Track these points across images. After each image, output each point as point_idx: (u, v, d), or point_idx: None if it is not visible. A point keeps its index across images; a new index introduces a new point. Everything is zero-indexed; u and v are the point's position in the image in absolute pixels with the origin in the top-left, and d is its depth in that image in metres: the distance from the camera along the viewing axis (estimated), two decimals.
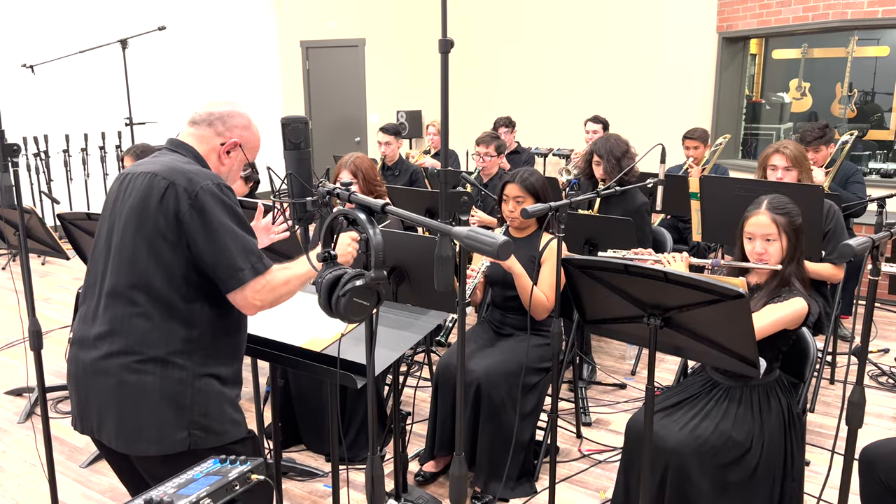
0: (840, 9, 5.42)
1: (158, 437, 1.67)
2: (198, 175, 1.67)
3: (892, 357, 4.12)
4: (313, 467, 2.96)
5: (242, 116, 1.84)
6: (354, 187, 3.29)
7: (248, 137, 1.85)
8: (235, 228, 1.66)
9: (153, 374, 1.65)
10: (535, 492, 2.80)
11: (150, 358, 1.65)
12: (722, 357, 1.82)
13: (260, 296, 1.67)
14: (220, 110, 1.82)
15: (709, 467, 2.15)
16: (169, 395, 1.66)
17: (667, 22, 6.67)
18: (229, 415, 1.75)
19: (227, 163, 1.83)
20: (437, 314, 2.25)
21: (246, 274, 1.65)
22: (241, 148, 1.83)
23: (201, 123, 1.81)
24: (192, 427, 1.69)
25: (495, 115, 6.00)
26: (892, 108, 7.18)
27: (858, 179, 4.20)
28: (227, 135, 1.81)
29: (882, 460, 2.05)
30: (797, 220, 2.31)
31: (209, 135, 1.80)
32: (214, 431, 1.72)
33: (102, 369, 1.66)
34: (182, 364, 1.67)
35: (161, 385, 1.66)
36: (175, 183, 1.65)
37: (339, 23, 8.76)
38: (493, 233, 1.19)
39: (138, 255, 1.65)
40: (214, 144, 1.81)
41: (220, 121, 1.81)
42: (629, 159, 3.56)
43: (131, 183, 1.72)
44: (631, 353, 4.18)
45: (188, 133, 1.82)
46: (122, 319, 1.66)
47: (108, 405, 1.67)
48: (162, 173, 1.67)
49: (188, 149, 1.79)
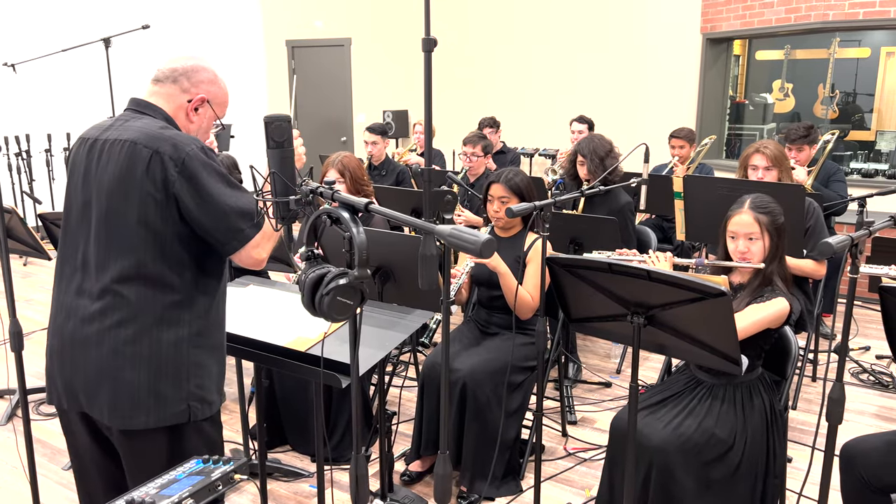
0: (822, 10, 5.48)
1: (157, 409, 1.65)
2: (180, 140, 1.64)
3: (872, 354, 4.17)
4: (298, 468, 2.95)
5: (208, 71, 1.78)
6: (341, 186, 3.28)
7: (215, 92, 1.79)
8: (227, 189, 1.64)
9: (149, 344, 1.63)
10: (520, 490, 2.81)
11: (146, 328, 1.63)
12: (704, 355, 1.83)
13: (262, 247, 1.70)
14: (183, 65, 1.76)
15: (692, 465, 2.17)
16: (166, 366, 1.65)
17: (652, 23, 6.71)
18: (217, 384, 1.76)
19: (196, 120, 1.78)
20: (423, 313, 2.25)
21: (247, 233, 1.66)
22: (209, 104, 1.77)
23: (165, 81, 1.75)
24: (191, 398, 1.68)
25: (482, 115, 6.01)
26: (872, 109, 7.27)
27: (840, 179, 4.25)
28: (193, 91, 1.75)
29: (862, 456, 2.08)
30: (779, 219, 2.33)
31: (174, 92, 1.74)
32: (208, 402, 1.72)
33: (96, 341, 1.63)
34: (177, 333, 1.66)
35: (158, 356, 1.64)
36: (159, 151, 1.61)
37: (325, 22, 8.74)
38: (477, 231, 1.19)
39: (126, 225, 1.63)
40: (181, 102, 1.75)
41: (185, 76, 1.75)
42: (613, 159, 3.58)
43: (105, 151, 1.66)
44: (616, 351, 4.20)
45: (152, 92, 1.76)
46: (114, 291, 1.63)
47: (102, 377, 1.64)
48: (142, 141, 1.63)
49: (156, 109, 1.73)
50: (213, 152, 1.69)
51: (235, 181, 1.69)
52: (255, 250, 1.69)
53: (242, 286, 2.42)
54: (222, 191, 1.64)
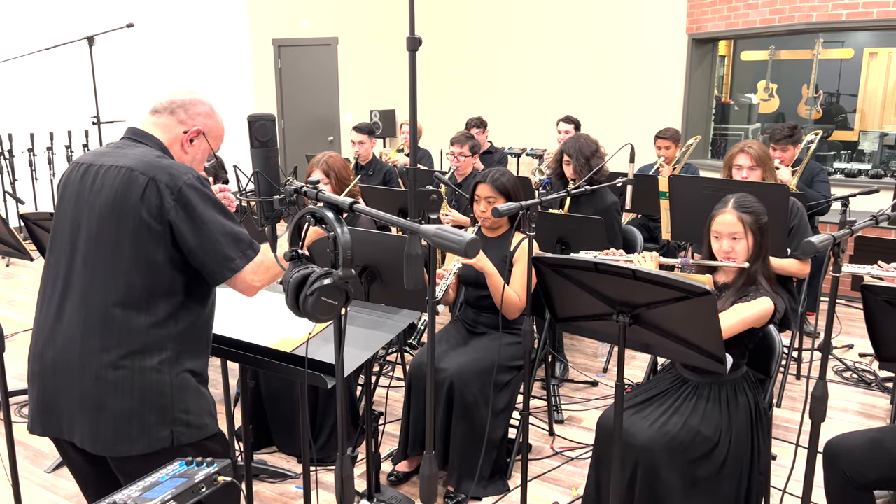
0: (805, 11, 5.53)
1: (141, 437, 1.64)
2: (177, 169, 1.66)
3: (856, 352, 4.21)
4: (285, 469, 2.94)
5: (205, 104, 1.81)
6: (326, 186, 3.27)
7: (211, 126, 1.82)
8: (221, 219, 1.66)
9: (133, 370, 1.62)
10: (507, 489, 2.81)
11: (129, 354, 1.62)
12: (689, 353, 1.84)
13: (258, 276, 1.71)
14: (181, 98, 1.79)
15: (678, 463, 2.18)
16: (150, 393, 1.64)
17: (638, 23, 6.74)
18: (206, 408, 1.75)
19: (191, 151, 1.80)
20: (410, 313, 2.25)
21: (238, 263, 1.67)
22: (204, 136, 1.80)
23: (163, 112, 1.78)
24: (175, 424, 1.67)
25: (469, 114, 6.01)
26: (855, 110, 7.35)
27: (823, 179, 4.29)
28: (189, 123, 1.78)
29: (845, 453, 2.10)
30: (763, 218, 2.34)
31: (171, 123, 1.77)
32: (195, 426, 1.71)
33: (78, 368, 1.62)
34: (161, 359, 1.65)
35: (141, 382, 1.63)
36: (156, 178, 1.62)
37: (311, 21, 8.71)
38: (461, 231, 1.19)
39: (116, 250, 1.62)
40: (177, 133, 1.77)
41: (182, 109, 1.78)
42: (598, 159, 3.59)
43: (100, 177, 1.67)
44: (603, 350, 4.22)
45: (150, 122, 1.79)
46: (100, 317, 1.62)
47: (84, 405, 1.63)
48: (139, 168, 1.64)
49: (152, 139, 1.76)
50: (209, 182, 1.70)
51: (229, 211, 1.71)
52: (251, 277, 1.71)
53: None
54: (217, 219, 1.66)
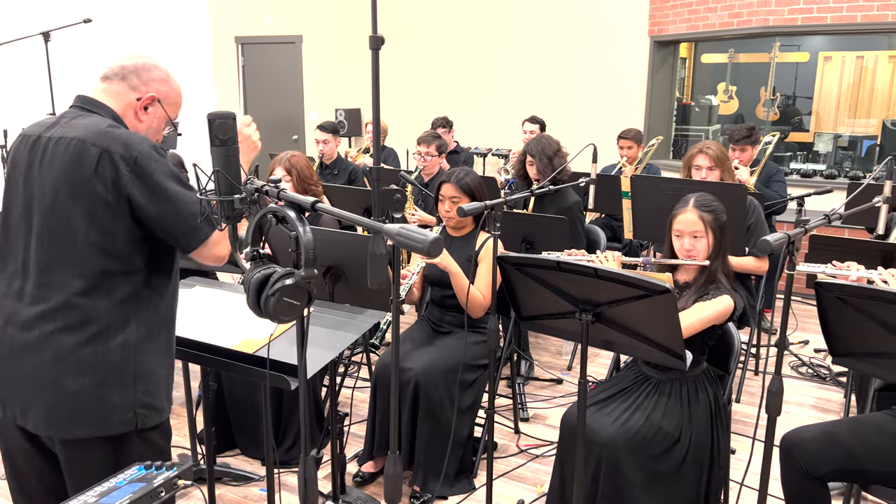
0: (762, 15, 5.66)
1: (102, 418, 1.59)
2: (131, 139, 1.59)
3: (811, 348, 4.32)
4: (248, 472, 2.90)
5: (159, 69, 1.72)
6: (287, 185, 3.23)
7: (166, 92, 1.73)
8: (181, 189, 1.61)
9: (94, 349, 1.58)
10: (473, 488, 2.82)
11: (91, 332, 1.57)
12: (650, 350, 1.87)
13: (223, 243, 1.66)
14: (133, 63, 1.70)
15: (640, 458, 2.21)
16: (112, 372, 1.59)
17: (601, 25, 6.82)
18: (166, 391, 1.71)
19: (146, 120, 1.71)
20: (375, 313, 2.24)
21: (205, 230, 1.62)
22: (159, 103, 1.72)
23: (114, 78, 1.69)
24: (138, 406, 1.63)
25: (436, 114, 6.01)
26: (811, 112, 7.55)
27: (780, 179, 4.40)
28: (142, 89, 1.69)
29: (801, 446, 2.15)
30: (722, 217, 2.39)
31: (123, 90, 1.68)
32: (156, 408, 1.67)
33: (36, 348, 1.57)
34: (123, 338, 1.60)
35: (104, 361, 1.58)
36: (109, 150, 1.56)
37: (275, 19, 8.61)
38: (425, 230, 1.19)
39: (75, 226, 1.57)
40: (130, 100, 1.69)
41: (135, 74, 1.69)
42: (561, 159, 3.63)
43: (50, 149, 1.60)
44: (567, 348, 4.26)
45: (100, 89, 1.69)
46: (58, 294, 1.57)
47: (42, 386, 1.57)
48: (90, 139, 1.57)
49: (103, 107, 1.67)
50: (165, 152, 1.66)
51: (186, 181, 1.66)
52: (217, 247, 1.66)
53: (189, 287, 2.36)
54: (176, 189, 1.60)
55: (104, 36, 7.74)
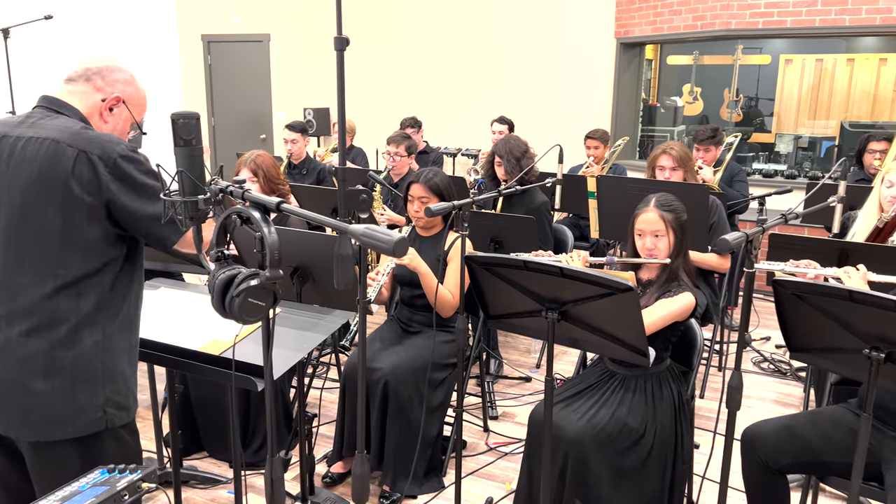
0: (725, 18, 5.77)
1: (73, 419, 1.58)
2: (108, 141, 1.60)
3: (773, 344, 4.43)
4: (216, 474, 2.88)
5: (123, 71, 1.73)
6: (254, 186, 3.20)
7: (131, 93, 1.73)
8: (158, 185, 1.62)
9: (64, 350, 1.57)
10: (442, 487, 2.84)
11: (61, 333, 1.56)
12: (614, 347, 1.91)
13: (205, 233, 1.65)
14: (97, 65, 1.71)
15: (606, 454, 2.25)
16: (82, 373, 1.58)
17: (569, 27, 6.89)
18: (132, 390, 1.71)
19: (111, 121, 1.71)
20: (343, 314, 2.24)
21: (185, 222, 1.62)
22: (124, 104, 1.72)
23: (78, 80, 1.69)
24: (108, 405, 1.62)
25: (406, 114, 6.02)
26: (773, 113, 7.73)
27: (742, 179, 4.50)
28: (107, 90, 1.69)
29: (760, 439, 2.21)
30: (683, 216, 2.45)
31: (88, 91, 1.68)
32: (125, 407, 1.67)
33: (4, 349, 1.55)
34: (92, 338, 1.60)
35: (74, 362, 1.57)
36: (86, 151, 1.56)
37: (242, 17, 8.52)
38: (390, 230, 1.20)
39: (46, 226, 1.56)
40: (94, 101, 1.69)
41: (99, 75, 1.69)
42: (528, 159, 3.67)
43: (20, 149, 1.59)
44: (536, 346, 4.30)
45: (65, 91, 1.69)
46: (25, 295, 1.55)
47: (10, 389, 1.56)
48: (66, 140, 1.56)
49: (70, 109, 1.67)
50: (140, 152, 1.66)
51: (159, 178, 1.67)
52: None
53: (154, 289, 2.34)
54: (156, 188, 1.62)
55: (66, 33, 7.58)
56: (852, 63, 7.25)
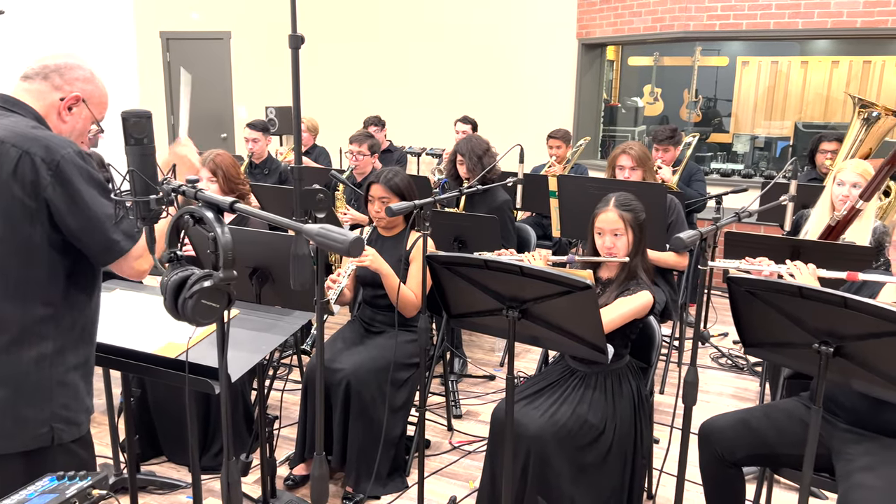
0: (684, 21, 5.88)
1: (16, 433, 1.53)
2: (54, 142, 1.53)
3: (730, 340, 4.52)
4: (174, 479, 2.83)
5: (83, 69, 1.67)
6: (213, 186, 3.15)
7: (91, 91, 1.67)
8: (102, 198, 1.55)
9: (8, 362, 1.51)
10: (406, 487, 2.83)
11: (5, 344, 1.51)
12: (573, 345, 1.93)
13: (145, 258, 1.62)
14: (56, 62, 1.64)
15: (567, 450, 2.27)
16: (27, 386, 1.53)
17: (531, 27, 6.94)
18: (84, 404, 1.66)
19: (70, 120, 1.65)
20: (302, 315, 2.22)
21: (123, 245, 1.58)
22: (84, 103, 1.66)
23: (35, 77, 1.63)
24: (54, 420, 1.57)
25: (370, 112, 5.99)
26: (730, 114, 7.89)
27: (700, 178, 4.59)
28: (66, 88, 1.63)
29: (717, 433, 2.25)
30: (641, 215, 2.48)
31: (45, 89, 1.62)
32: (75, 423, 1.62)
33: None
34: (39, 350, 1.54)
35: (17, 375, 1.52)
36: (30, 152, 1.50)
37: (201, 14, 8.39)
38: (345, 230, 1.19)
39: None
40: (52, 100, 1.63)
41: (57, 73, 1.63)
42: (490, 158, 3.68)
43: None
44: (500, 345, 4.32)
45: (21, 89, 1.63)
46: None
47: None
48: (10, 140, 1.51)
49: (25, 107, 1.60)
50: (90, 157, 1.60)
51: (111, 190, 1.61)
52: (137, 262, 1.61)
53: (109, 291, 2.28)
54: (97, 199, 1.55)
55: (18, 29, 7.36)
56: (806, 65, 7.45)
